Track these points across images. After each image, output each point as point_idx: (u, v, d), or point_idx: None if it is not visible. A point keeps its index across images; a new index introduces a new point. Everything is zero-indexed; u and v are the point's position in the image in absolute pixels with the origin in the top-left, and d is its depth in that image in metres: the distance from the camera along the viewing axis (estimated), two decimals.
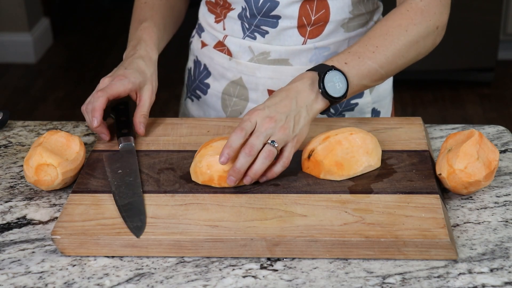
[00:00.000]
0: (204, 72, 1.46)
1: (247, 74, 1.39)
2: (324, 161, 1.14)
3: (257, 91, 1.40)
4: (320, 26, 1.33)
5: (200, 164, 1.14)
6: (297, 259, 1.03)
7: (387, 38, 1.21)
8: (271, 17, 1.33)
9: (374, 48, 1.20)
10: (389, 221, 1.04)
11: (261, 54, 1.37)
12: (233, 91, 1.43)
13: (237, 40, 1.38)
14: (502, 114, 3.35)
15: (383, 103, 1.47)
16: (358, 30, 1.37)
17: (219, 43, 1.41)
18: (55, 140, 1.19)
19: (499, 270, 0.99)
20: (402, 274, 0.99)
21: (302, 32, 1.34)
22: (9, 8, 3.82)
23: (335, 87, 1.16)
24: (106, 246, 1.04)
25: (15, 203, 1.16)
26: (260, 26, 1.35)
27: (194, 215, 1.07)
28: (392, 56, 1.21)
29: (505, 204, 1.12)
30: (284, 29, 1.34)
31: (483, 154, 1.11)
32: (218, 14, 1.40)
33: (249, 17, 1.34)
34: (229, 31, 1.39)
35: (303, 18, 1.32)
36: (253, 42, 1.37)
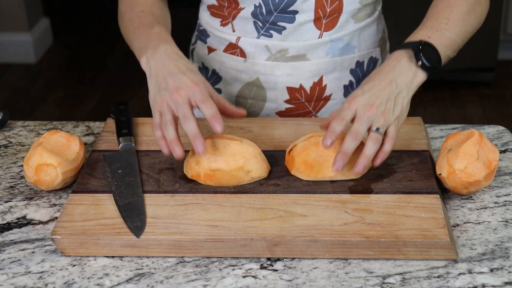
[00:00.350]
0: (213, 77, 1.45)
1: (265, 74, 1.39)
2: (296, 158, 1.15)
3: (276, 89, 1.40)
4: (334, 18, 1.35)
5: (190, 159, 1.15)
6: (297, 259, 1.03)
7: (453, 10, 1.26)
8: (289, 12, 1.33)
9: (446, 20, 1.25)
10: (389, 221, 1.04)
11: (279, 52, 1.37)
12: (248, 93, 1.42)
13: (252, 41, 1.37)
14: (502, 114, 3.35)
15: None
16: (366, 20, 1.39)
17: (230, 45, 1.40)
18: (55, 140, 1.19)
19: (499, 270, 0.99)
20: (402, 274, 0.99)
21: (318, 25, 1.34)
22: (9, 8, 3.82)
23: (431, 58, 1.20)
24: (106, 246, 1.04)
25: (15, 203, 1.16)
26: (277, 23, 1.34)
27: (194, 215, 1.07)
28: (462, 25, 1.27)
29: (505, 204, 1.12)
30: (301, 24, 1.34)
31: (483, 154, 1.11)
32: (225, 17, 1.39)
33: (265, 14, 1.34)
34: (240, 32, 1.38)
35: (319, 11, 1.33)
36: (270, 40, 1.36)
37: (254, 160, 1.15)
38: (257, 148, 1.17)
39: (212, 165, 1.14)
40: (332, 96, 1.41)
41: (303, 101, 1.40)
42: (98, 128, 1.37)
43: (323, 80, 1.39)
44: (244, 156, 1.15)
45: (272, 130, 1.29)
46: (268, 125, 1.30)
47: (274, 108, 1.42)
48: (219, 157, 1.14)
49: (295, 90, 1.39)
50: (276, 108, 1.41)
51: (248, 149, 1.16)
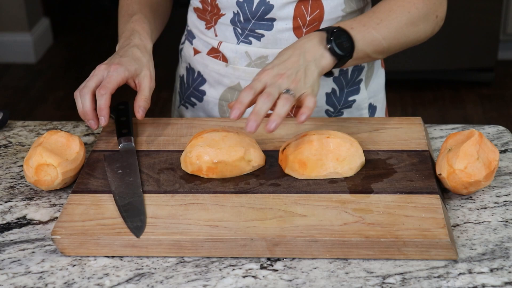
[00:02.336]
0: (198, 79, 1.45)
1: (246, 79, 1.39)
2: (290, 156, 1.15)
3: None
4: (314, 26, 1.34)
5: (190, 154, 1.16)
6: (297, 259, 1.03)
7: (390, 15, 1.26)
8: (266, 20, 1.33)
9: (378, 21, 1.25)
10: (389, 221, 1.04)
11: (259, 58, 1.36)
12: (230, 97, 1.42)
13: (232, 46, 1.37)
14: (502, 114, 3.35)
15: (378, 98, 1.48)
16: None
17: (212, 49, 1.40)
18: (55, 140, 1.19)
19: (499, 270, 0.99)
20: (402, 274, 0.99)
21: (298, 34, 1.34)
22: (9, 8, 3.82)
23: (342, 45, 1.20)
24: (106, 246, 1.04)
25: (15, 203, 1.16)
26: (255, 30, 1.34)
27: (194, 215, 1.07)
28: (395, 32, 1.26)
29: (505, 204, 1.12)
30: (279, 31, 1.33)
31: (483, 154, 1.11)
32: (208, 21, 1.39)
33: (243, 22, 1.34)
34: (221, 37, 1.38)
35: (298, 19, 1.32)
36: (249, 47, 1.36)
37: (252, 149, 1.17)
38: (252, 138, 1.20)
39: (214, 157, 1.14)
40: None
41: None
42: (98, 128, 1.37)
43: None
44: (244, 146, 1.16)
45: None
46: None
47: None
48: (220, 149, 1.15)
49: None
50: None
51: (245, 139, 1.17)
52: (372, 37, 1.24)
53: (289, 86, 1.13)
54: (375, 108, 1.47)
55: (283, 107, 1.11)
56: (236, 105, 1.12)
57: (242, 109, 1.12)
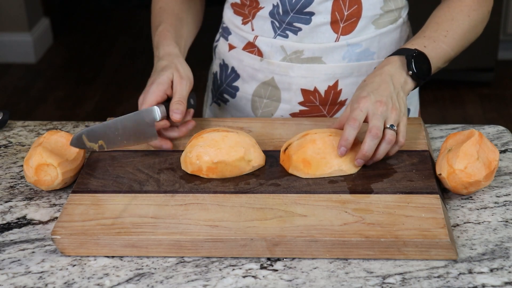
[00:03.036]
0: (232, 75, 1.45)
1: (280, 74, 1.39)
2: (293, 156, 1.15)
3: (290, 90, 1.39)
4: (352, 22, 1.34)
5: (190, 154, 1.16)
6: (297, 259, 1.03)
7: (453, 23, 1.31)
8: (305, 13, 1.33)
9: (445, 33, 1.30)
10: (389, 221, 1.04)
11: (294, 53, 1.37)
12: (264, 93, 1.42)
13: (268, 40, 1.38)
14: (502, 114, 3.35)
15: (412, 101, 1.50)
16: (388, 26, 1.38)
17: (248, 44, 1.41)
18: (55, 140, 1.19)
19: (499, 270, 0.99)
20: (402, 274, 0.99)
21: (335, 28, 1.34)
22: (9, 8, 3.82)
23: (422, 69, 1.23)
24: (106, 246, 1.04)
25: (15, 203, 1.16)
26: (293, 23, 1.34)
27: (194, 215, 1.07)
28: (459, 39, 1.31)
29: (505, 204, 1.12)
30: (317, 25, 1.34)
31: (483, 154, 1.11)
32: (246, 15, 1.39)
33: (281, 14, 1.34)
34: (258, 31, 1.39)
35: (336, 14, 1.33)
36: (285, 41, 1.36)
37: (252, 149, 1.17)
38: (252, 138, 1.19)
39: (214, 158, 1.14)
40: (347, 101, 1.40)
41: (317, 104, 1.40)
42: None
43: (338, 84, 1.38)
44: (244, 146, 1.16)
45: (272, 130, 1.29)
46: (268, 125, 1.30)
47: (288, 110, 1.41)
48: (220, 149, 1.15)
49: (310, 93, 1.39)
50: (290, 110, 1.41)
51: (246, 140, 1.18)
52: (443, 51, 1.29)
53: (391, 117, 1.16)
54: (408, 110, 1.48)
55: (386, 147, 1.15)
56: (342, 143, 1.14)
57: (349, 147, 1.14)
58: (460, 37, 1.30)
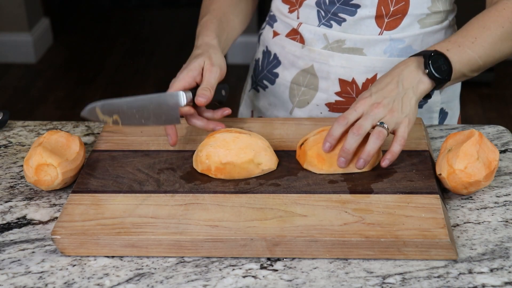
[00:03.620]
0: (274, 61, 1.47)
1: (320, 62, 1.39)
2: (308, 151, 1.16)
3: (328, 80, 1.40)
4: (397, 18, 1.34)
5: (201, 153, 1.16)
6: (297, 259, 1.03)
7: (484, 31, 1.25)
8: (351, 5, 1.33)
9: (473, 39, 1.24)
10: (389, 221, 1.04)
11: (336, 42, 1.37)
12: (302, 80, 1.43)
13: (312, 28, 1.39)
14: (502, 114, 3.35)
15: (451, 105, 1.48)
16: (433, 26, 1.37)
17: (292, 31, 1.42)
18: (55, 140, 1.19)
19: (499, 270, 0.99)
20: (402, 274, 0.99)
21: (379, 23, 1.34)
22: (9, 8, 3.82)
23: (440, 69, 1.20)
24: (106, 246, 1.04)
25: (15, 203, 1.16)
26: (338, 14, 1.35)
27: (194, 215, 1.07)
28: (489, 49, 1.26)
29: (505, 204, 1.12)
30: (362, 18, 1.34)
31: (483, 154, 1.11)
32: (293, 4, 1.41)
33: (328, 4, 1.35)
34: (303, 19, 1.40)
35: (382, 8, 1.33)
36: (329, 30, 1.37)
37: (263, 152, 1.16)
38: (265, 141, 1.19)
39: (222, 158, 1.14)
40: None
41: (353, 96, 1.39)
42: (98, 128, 1.37)
43: (377, 78, 1.37)
44: (254, 149, 1.16)
45: (272, 130, 1.29)
46: (268, 125, 1.30)
47: (325, 99, 1.41)
48: (230, 150, 1.15)
49: (347, 83, 1.38)
50: (326, 99, 1.41)
51: (258, 142, 1.17)
52: (469, 56, 1.24)
53: (385, 117, 1.14)
54: (446, 114, 1.47)
55: (374, 143, 1.13)
56: (328, 138, 1.14)
57: (334, 143, 1.14)
58: (489, 46, 1.25)
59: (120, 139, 1.27)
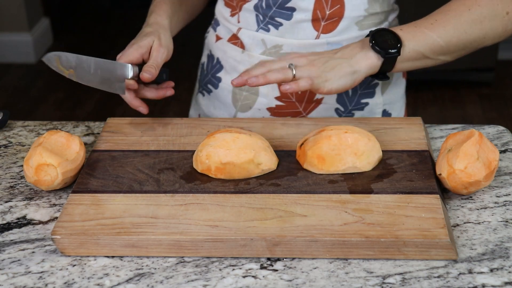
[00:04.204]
0: (217, 65, 1.48)
1: None
2: (308, 151, 1.16)
3: (268, 85, 1.39)
4: (334, 21, 1.34)
5: (201, 153, 1.16)
6: (297, 259, 1.03)
7: (448, 13, 1.25)
8: (286, 9, 1.34)
9: (433, 21, 1.25)
10: (389, 221, 1.04)
11: (274, 47, 1.38)
12: None
13: (250, 33, 1.39)
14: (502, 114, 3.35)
15: (395, 106, 1.47)
16: (372, 28, 1.36)
17: (233, 36, 1.43)
18: (55, 140, 1.19)
19: (499, 270, 0.99)
20: (402, 274, 0.99)
21: (316, 26, 1.34)
22: (9, 8, 3.82)
23: (386, 43, 1.21)
24: (106, 246, 1.04)
25: (15, 203, 1.16)
26: (275, 18, 1.35)
27: (194, 215, 1.07)
28: (453, 30, 1.24)
29: (505, 204, 1.12)
30: (298, 22, 1.34)
31: (483, 154, 1.11)
32: (234, 7, 1.41)
33: (265, 8, 1.35)
34: (243, 24, 1.40)
35: (318, 12, 1.33)
36: (266, 34, 1.38)
37: (263, 152, 1.16)
38: (265, 141, 1.19)
39: (222, 158, 1.14)
40: (323, 100, 1.40)
41: (293, 101, 1.40)
42: (98, 128, 1.37)
43: None
44: (254, 149, 1.16)
45: (272, 130, 1.29)
46: (268, 125, 1.30)
47: (266, 104, 1.42)
48: (230, 150, 1.15)
49: None
50: (267, 104, 1.42)
51: (258, 142, 1.17)
52: (425, 36, 1.23)
53: (302, 67, 1.17)
54: (389, 115, 1.47)
55: (272, 74, 1.17)
56: (244, 74, 1.17)
57: (244, 78, 1.17)
58: (453, 27, 1.24)
59: (120, 139, 1.27)
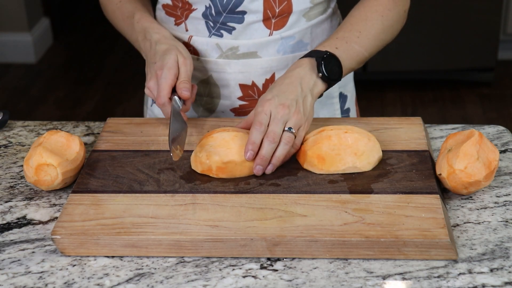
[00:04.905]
0: None
1: (217, 71, 1.40)
2: (308, 151, 1.16)
3: (229, 87, 1.40)
4: (283, 17, 1.36)
5: (200, 154, 1.16)
6: (297, 259, 1.03)
7: (367, 23, 1.32)
8: (237, 13, 1.34)
9: (358, 33, 1.30)
10: (389, 221, 1.04)
11: (230, 49, 1.37)
12: (203, 90, 1.43)
13: (203, 39, 1.38)
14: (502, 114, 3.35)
15: (348, 88, 1.51)
16: (318, 18, 1.40)
17: (183, 44, 1.40)
18: (55, 140, 1.19)
19: (499, 270, 0.99)
20: (402, 274, 0.99)
21: (268, 25, 1.36)
22: (9, 8, 3.82)
23: (332, 71, 1.24)
24: (106, 246, 1.04)
25: (15, 203, 1.16)
26: (227, 23, 1.35)
27: (194, 215, 1.07)
28: (374, 40, 1.32)
29: (505, 204, 1.12)
30: (250, 23, 1.35)
31: (483, 154, 1.11)
32: (178, 16, 1.40)
33: (214, 15, 1.35)
34: (193, 32, 1.39)
35: (268, 11, 1.34)
36: (220, 39, 1.37)
37: None
38: None
39: (224, 157, 1.14)
40: None
41: (256, 98, 1.41)
42: (98, 128, 1.37)
43: (275, 77, 1.39)
44: None
45: None
46: None
47: (228, 105, 1.42)
48: (230, 149, 1.15)
49: (248, 87, 1.40)
50: (230, 105, 1.42)
51: None
52: (356, 51, 1.29)
53: (292, 120, 1.17)
54: (345, 97, 1.50)
55: (283, 149, 1.16)
56: (249, 146, 1.15)
57: (256, 150, 1.16)
58: (374, 37, 1.31)
59: (120, 139, 1.27)
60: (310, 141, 1.18)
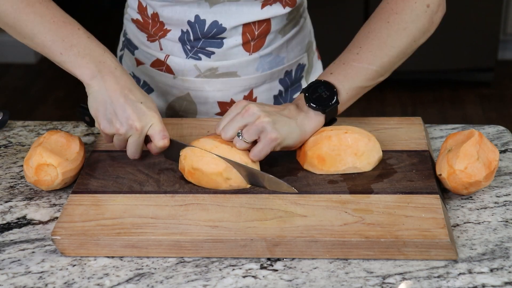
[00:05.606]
0: (144, 88, 1.41)
1: (195, 90, 1.37)
2: (308, 152, 1.16)
3: (207, 104, 1.39)
4: (262, 38, 1.34)
5: (183, 152, 1.16)
6: (297, 259, 1.03)
7: (369, 36, 1.20)
8: (217, 38, 1.31)
9: (357, 50, 1.20)
10: (389, 221, 1.04)
11: (209, 70, 1.34)
12: (178, 106, 1.40)
13: (180, 60, 1.34)
14: (502, 114, 3.35)
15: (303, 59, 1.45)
16: (292, 31, 1.38)
17: (157, 61, 1.36)
18: (55, 140, 1.19)
19: (499, 270, 0.99)
20: (402, 274, 0.99)
21: (247, 47, 1.33)
22: None
23: (321, 97, 1.17)
24: (106, 246, 1.04)
25: (15, 203, 1.16)
26: (205, 48, 1.32)
27: (194, 216, 1.07)
28: (380, 51, 1.19)
29: (505, 204, 1.12)
30: (229, 48, 1.32)
31: (483, 154, 1.11)
32: (151, 35, 1.35)
33: (193, 40, 1.31)
34: (168, 51, 1.34)
35: (247, 35, 1.32)
36: (198, 61, 1.34)
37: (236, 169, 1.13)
38: (246, 158, 1.14)
39: (194, 163, 1.13)
40: (258, 100, 1.40)
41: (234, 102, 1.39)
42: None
43: (253, 93, 1.38)
44: (227, 163, 1.13)
45: None
46: None
47: (208, 111, 1.40)
48: (203, 157, 1.13)
49: (226, 104, 1.38)
50: (210, 110, 1.40)
51: (235, 156, 1.13)
52: (356, 69, 1.19)
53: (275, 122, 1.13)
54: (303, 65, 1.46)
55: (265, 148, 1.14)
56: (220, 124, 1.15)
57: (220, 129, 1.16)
58: (377, 47, 1.19)
59: None
60: (310, 142, 1.17)
